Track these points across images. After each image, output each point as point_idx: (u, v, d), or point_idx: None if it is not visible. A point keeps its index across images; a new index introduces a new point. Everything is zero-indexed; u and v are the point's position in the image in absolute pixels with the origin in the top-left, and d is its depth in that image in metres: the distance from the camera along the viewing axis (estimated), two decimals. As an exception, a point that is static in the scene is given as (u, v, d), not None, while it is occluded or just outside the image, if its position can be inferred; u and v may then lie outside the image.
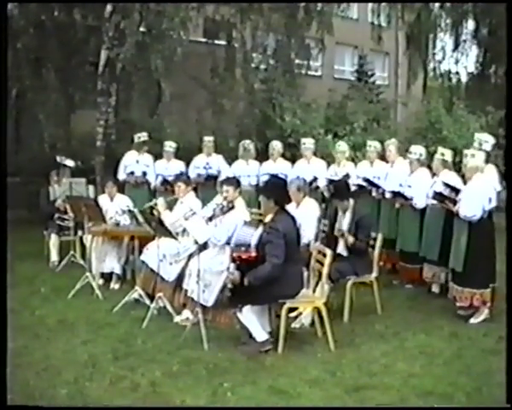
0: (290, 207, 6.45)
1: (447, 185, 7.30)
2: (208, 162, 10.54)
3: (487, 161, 7.35)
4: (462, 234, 6.86)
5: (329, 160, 10.67)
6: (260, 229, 6.04)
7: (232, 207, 6.86)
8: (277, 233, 5.74)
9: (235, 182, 7.23)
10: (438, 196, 7.32)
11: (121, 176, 10.46)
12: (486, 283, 6.88)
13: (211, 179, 10.15)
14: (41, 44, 12.54)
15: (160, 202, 7.76)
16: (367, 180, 9.12)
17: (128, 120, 14.71)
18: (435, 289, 8.07)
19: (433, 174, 8.08)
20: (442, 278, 7.89)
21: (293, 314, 6.44)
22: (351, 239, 7.00)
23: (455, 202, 6.94)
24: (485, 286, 6.86)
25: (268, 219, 5.99)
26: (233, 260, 5.90)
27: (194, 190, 8.16)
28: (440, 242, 7.72)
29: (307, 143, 10.32)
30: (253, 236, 6.01)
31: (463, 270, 6.85)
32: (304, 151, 10.25)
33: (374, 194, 9.12)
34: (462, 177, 7.65)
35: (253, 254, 5.83)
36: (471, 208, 6.72)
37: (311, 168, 10.01)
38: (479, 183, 6.83)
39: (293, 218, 6.04)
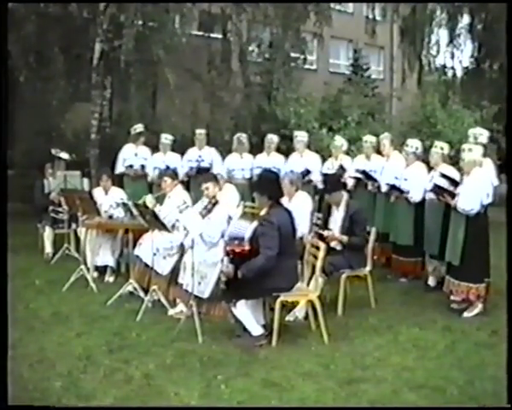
0: (283, 201, 6.44)
1: (446, 177, 7.29)
2: (201, 155, 10.55)
3: (484, 155, 7.36)
4: (459, 228, 6.86)
5: (324, 153, 10.69)
6: (255, 222, 6.03)
7: (216, 203, 6.85)
8: (271, 225, 5.74)
9: (212, 177, 7.21)
10: (437, 188, 7.27)
11: (119, 169, 10.47)
12: (482, 277, 6.88)
13: (202, 172, 10.11)
14: (37, 37, 12.50)
15: (149, 198, 7.72)
16: (363, 172, 9.13)
17: (123, 112, 14.70)
18: (431, 282, 8.08)
19: (430, 168, 8.09)
20: (442, 272, 7.89)
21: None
22: (344, 238, 7.01)
23: (453, 196, 6.91)
24: (480, 281, 6.86)
25: (263, 212, 6.00)
26: (226, 253, 5.90)
27: (187, 183, 8.14)
28: (440, 236, 7.74)
29: (299, 136, 10.35)
30: (247, 229, 6.00)
31: (460, 264, 6.86)
32: (296, 144, 10.27)
33: (370, 187, 9.14)
34: (459, 170, 7.67)
35: (247, 247, 5.81)
36: (470, 202, 6.70)
37: (303, 162, 10.04)
38: (478, 177, 6.81)
39: (288, 211, 6.04)
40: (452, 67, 20.01)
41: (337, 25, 16.38)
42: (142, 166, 10.41)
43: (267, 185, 6.06)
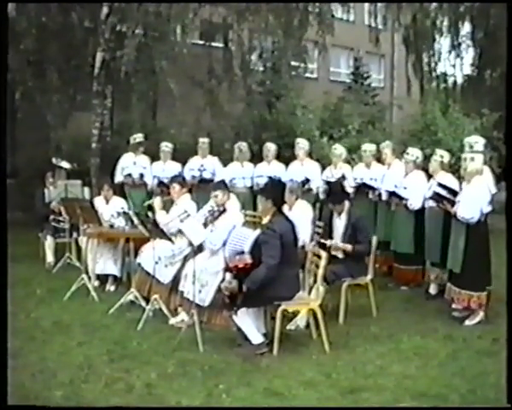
0: (283, 210, 6.44)
1: (445, 187, 7.30)
2: (203, 164, 10.53)
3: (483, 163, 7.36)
4: (460, 236, 6.86)
5: (324, 162, 10.68)
6: (257, 231, 6.04)
7: (223, 211, 6.85)
8: (274, 234, 5.74)
9: (222, 185, 7.23)
10: (436, 196, 7.29)
11: (118, 178, 10.47)
12: (484, 285, 6.87)
13: (205, 182, 10.08)
14: (38, 47, 12.54)
15: (157, 201, 7.77)
16: (363, 184, 9.15)
17: (124, 121, 14.72)
18: (432, 290, 8.08)
19: (429, 176, 8.09)
20: (445, 279, 7.87)
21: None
22: (348, 247, 7.00)
23: (453, 204, 6.93)
24: (482, 289, 6.85)
25: (265, 220, 6.01)
26: (229, 270, 5.90)
27: (189, 191, 8.13)
28: (441, 243, 7.72)
29: (301, 143, 10.33)
30: (248, 238, 5.99)
31: (461, 272, 6.85)
32: (297, 151, 10.23)
33: (370, 196, 9.14)
34: (458, 178, 7.67)
35: (249, 260, 5.78)
36: (469, 210, 6.70)
37: (304, 170, 10.03)
38: (478, 185, 6.81)
39: (289, 220, 6.04)
40: (453, 75, 20.04)
41: (338, 33, 16.34)
42: (141, 175, 10.40)
43: (274, 190, 6.12)
